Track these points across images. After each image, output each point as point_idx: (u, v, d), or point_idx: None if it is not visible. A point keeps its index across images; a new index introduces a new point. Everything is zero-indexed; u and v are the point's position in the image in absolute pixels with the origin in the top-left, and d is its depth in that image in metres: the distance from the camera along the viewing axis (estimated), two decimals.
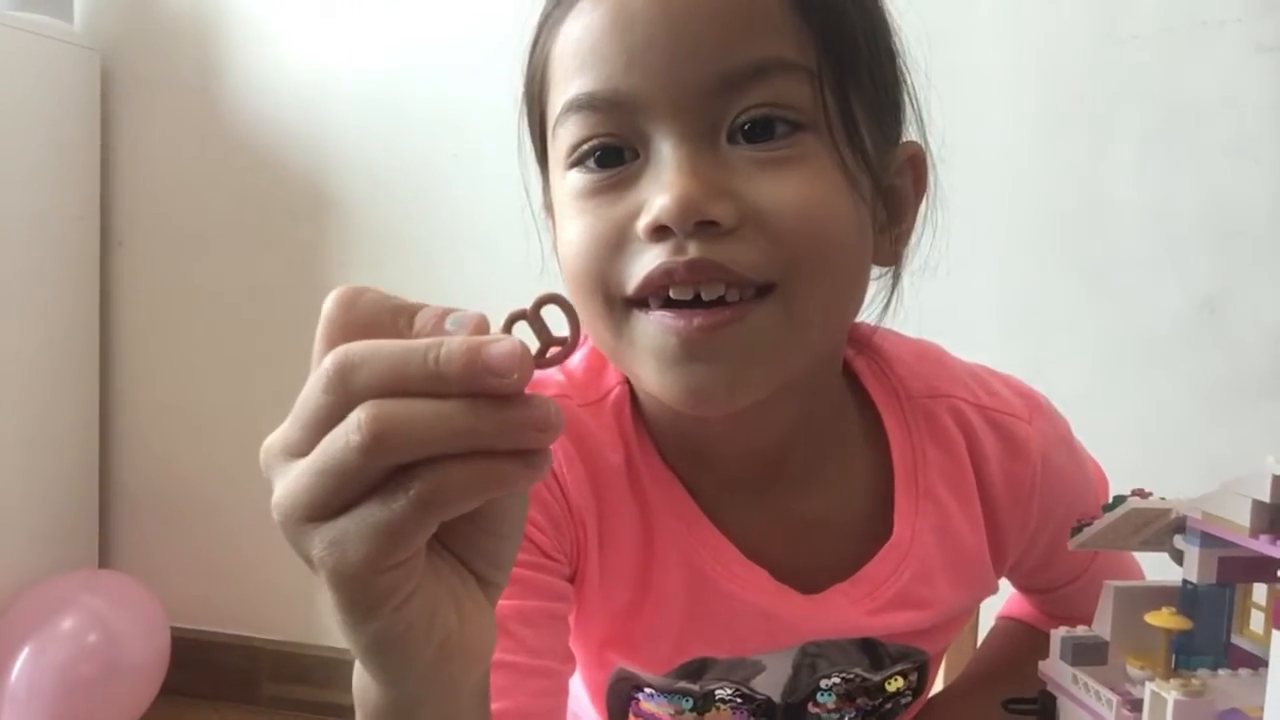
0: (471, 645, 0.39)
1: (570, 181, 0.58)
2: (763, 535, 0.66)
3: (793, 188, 0.54)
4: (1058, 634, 0.61)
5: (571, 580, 0.65)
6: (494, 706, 0.56)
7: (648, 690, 0.69)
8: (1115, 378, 1.59)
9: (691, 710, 0.69)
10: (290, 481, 0.34)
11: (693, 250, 0.52)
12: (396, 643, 0.36)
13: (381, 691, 0.40)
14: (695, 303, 0.53)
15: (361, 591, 0.34)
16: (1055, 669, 0.61)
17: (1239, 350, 1.54)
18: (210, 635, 2.00)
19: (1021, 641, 0.83)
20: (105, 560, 2.06)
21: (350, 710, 0.43)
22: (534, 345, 0.35)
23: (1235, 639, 0.57)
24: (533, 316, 0.36)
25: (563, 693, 0.63)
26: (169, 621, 1.87)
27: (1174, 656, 0.56)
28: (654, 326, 0.55)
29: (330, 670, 1.93)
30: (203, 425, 2.02)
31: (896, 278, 0.65)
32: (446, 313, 0.35)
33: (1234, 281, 1.54)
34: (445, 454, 0.33)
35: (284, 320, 1.95)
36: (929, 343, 0.74)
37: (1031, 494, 0.70)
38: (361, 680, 0.41)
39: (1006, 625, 0.86)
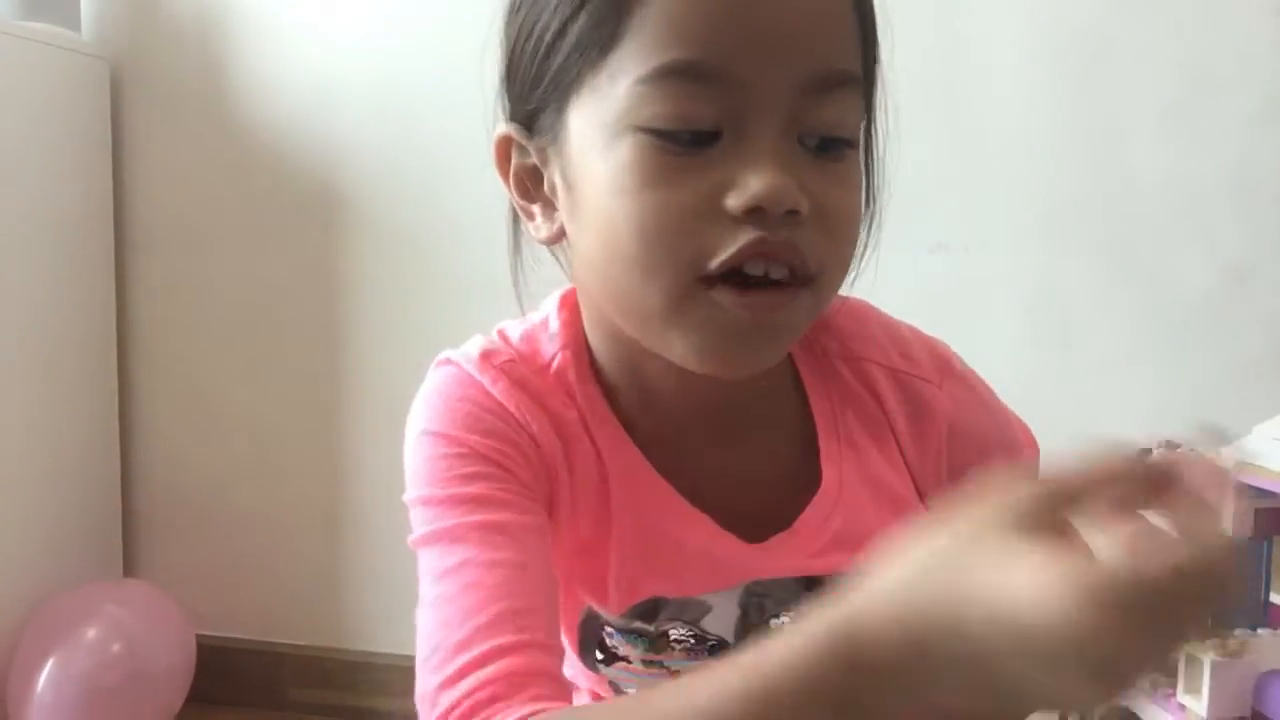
0: None
1: (634, 145, 0.58)
2: (706, 487, 0.70)
3: (843, 195, 0.61)
4: None
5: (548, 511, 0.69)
6: (516, 604, 0.59)
7: (608, 629, 0.72)
8: (1146, 352, 1.56)
9: (648, 649, 0.72)
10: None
11: (782, 233, 0.57)
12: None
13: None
14: (760, 281, 0.58)
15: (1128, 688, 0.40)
16: None
17: (1270, 320, 1.50)
18: (234, 642, 1.99)
19: None
20: (129, 569, 2.06)
21: (372, 712, 0.41)
22: None
23: (1275, 597, 0.54)
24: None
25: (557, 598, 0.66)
26: (193, 629, 1.87)
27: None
28: (727, 303, 0.58)
29: (355, 673, 1.90)
30: (223, 431, 2.01)
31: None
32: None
33: (1262, 250, 1.50)
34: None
35: (301, 320, 1.94)
36: (856, 300, 0.76)
37: (939, 456, 0.74)
38: None
39: None
